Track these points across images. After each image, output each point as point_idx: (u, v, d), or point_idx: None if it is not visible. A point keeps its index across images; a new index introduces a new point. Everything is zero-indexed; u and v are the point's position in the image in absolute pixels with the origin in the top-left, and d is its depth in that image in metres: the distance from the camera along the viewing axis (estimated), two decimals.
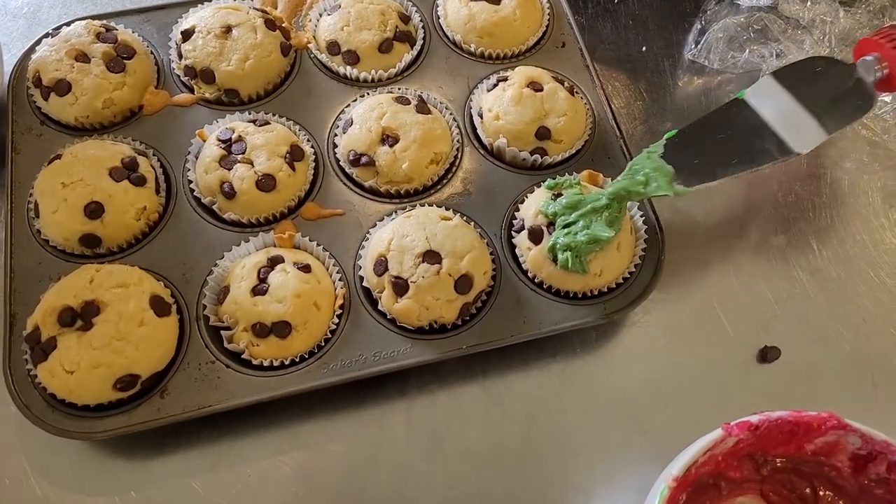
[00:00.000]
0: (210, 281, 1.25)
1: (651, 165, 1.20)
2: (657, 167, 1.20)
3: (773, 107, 1.20)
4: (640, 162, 1.22)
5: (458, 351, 1.22)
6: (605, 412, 1.28)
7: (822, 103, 1.20)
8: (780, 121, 1.18)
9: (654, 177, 1.19)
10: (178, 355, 1.20)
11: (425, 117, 1.36)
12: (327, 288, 1.25)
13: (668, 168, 1.19)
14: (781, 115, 1.19)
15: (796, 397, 1.31)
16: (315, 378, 1.19)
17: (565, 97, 1.39)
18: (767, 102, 1.21)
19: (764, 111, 1.20)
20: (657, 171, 1.19)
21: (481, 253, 1.25)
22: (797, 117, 1.18)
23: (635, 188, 1.20)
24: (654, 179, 1.19)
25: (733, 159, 1.17)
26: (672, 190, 1.17)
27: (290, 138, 1.36)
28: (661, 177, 1.18)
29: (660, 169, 1.19)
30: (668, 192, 1.17)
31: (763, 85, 1.24)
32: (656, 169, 1.20)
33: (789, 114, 1.19)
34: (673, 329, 1.36)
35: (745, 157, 1.17)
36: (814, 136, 1.18)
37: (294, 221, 1.33)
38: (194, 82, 1.43)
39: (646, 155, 1.22)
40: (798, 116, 1.18)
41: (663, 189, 1.18)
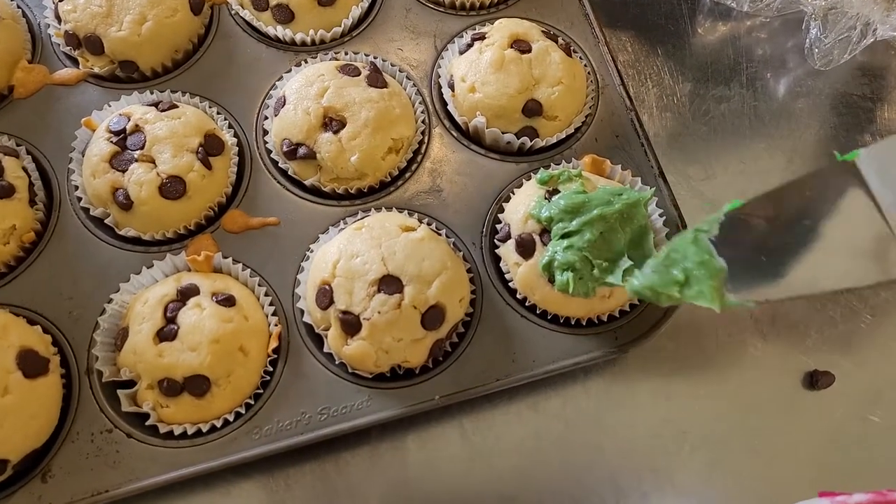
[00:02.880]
0: (104, 322, 0.97)
1: (696, 256, 0.83)
2: (703, 261, 0.82)
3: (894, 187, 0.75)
4: (681, 247, 0.85)
5: (428, 403, 0.97)
6: (617, 462, 1.04)
7: None
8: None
9: (698, 277, 0.82)
10: (64, 424, 0.94)
11: (379, 92, 1.05)
12: (257, 326, 0.97)
13: (718, 264, 0.81)
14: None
15: (857, 435, 1.06)
16: (244, 447, 0.94)
17: (560, 59, 1.08)
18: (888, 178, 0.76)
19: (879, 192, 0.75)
20: (702, 268, 0.82)
21: (455, 274, 0.96)
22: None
23: (667, 289, 0.85)
24: (697, 281, 0.82)
25: (825, 266, 0.77)
26: (719, 302, 0.80)
27: (205, 125, 1.05)
28: (707, 277, 0.81)
29: (707, 264, 0.82)
30: (712, 304, 0.81)
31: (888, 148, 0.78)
32: (702, 264, 0.82)
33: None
34: (699, 352, 1.10)
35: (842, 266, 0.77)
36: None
37: (213, 236, 1.03)
38: (79, 53, 1.12)
39: (692, 236, 0.85)
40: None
41: (707, 298, 0.81)
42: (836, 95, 1.27)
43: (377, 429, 1.02)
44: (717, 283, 0.80)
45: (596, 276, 0.92)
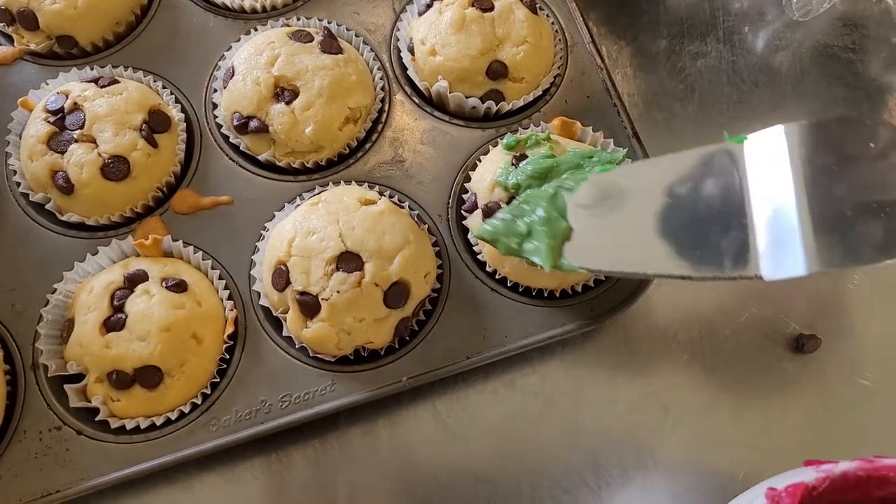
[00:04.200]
0: (48, 313, 0.91)
1: (544, 212, 0.81)
2: (550, 218, 0.81)
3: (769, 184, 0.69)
4: (535, 199, 0.83)
5: (395, 386, 0.91)
6: (597, 440, 0.99)
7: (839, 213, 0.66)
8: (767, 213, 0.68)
9: (539, 232, 0.80)
10: (10, 422, 0.89)
11: (334, 59, 0.99)
12: (211, 311, 0.92)
13: (563, 225, 0.80)
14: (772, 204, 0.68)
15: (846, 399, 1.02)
16: (201, 440, 0.89)
17: (525, 17, 1.02)
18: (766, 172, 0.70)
19: (755, 186, 0.70)
20: (546, 225, 0.80)
21: (419, 248, 0.91)
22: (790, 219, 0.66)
23: (508, 240, 0.83)
24: (538, 236, 0.80)
25: (667, 248, 0.72)
26: (552, 261, 0.79)
27: (149, 101, 0.99)
28: (548, 236, 0.79)
29: (552, 222, 0.80)
30: (545, 262, 0.79)
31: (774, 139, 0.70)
32: (548, 220, 0.80)
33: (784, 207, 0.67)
34: (679, 321, 1.05)
35: (685, 252, 0.71)
36: (794, 262, 0.65)
37: (162, 219, 0.97)
38: (13, 29, 1.05)
39: (552, 191, 0.83)
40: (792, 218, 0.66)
41: (541, 256, 0.79)
42: (817, 47, 1.22)
43: (346, 414, 0.97)
44: (556, 243, 0.79)
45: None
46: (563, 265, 0.79)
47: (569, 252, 0.79)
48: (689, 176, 0.74)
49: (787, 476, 0.74)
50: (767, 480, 0.75)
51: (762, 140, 0.71)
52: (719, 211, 0.70)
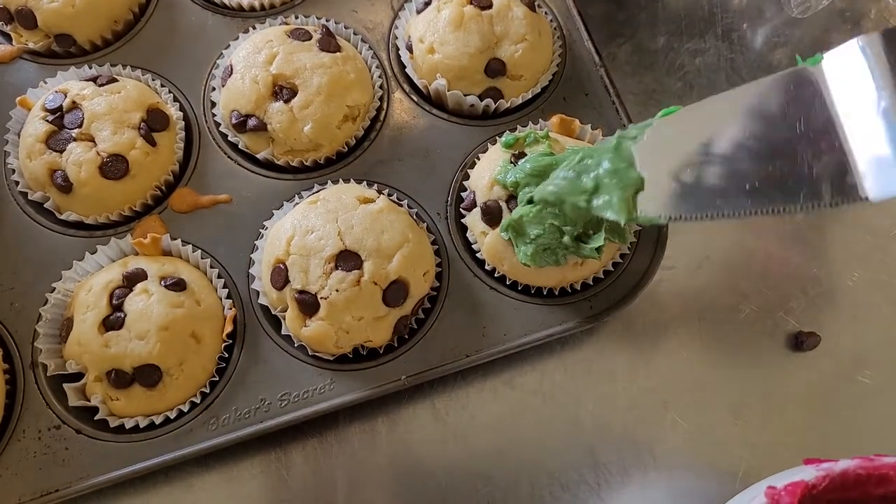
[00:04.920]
0: (47, 312, 0.91)
1: (611, 164, 0.76)
2: (617, 169, 0.75)
3: (859, 100, 0.62)
4: (599, 153, 0.79)
5: (394, 384, 0.91)
6: (596, 436, 0.99)
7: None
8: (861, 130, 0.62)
9: (608, 186, 0.75)
10: (9, 422, 0.89)
11: (332, 57, 0.99)
12: (210, 310, 0.92)
13: (633, 175, 0.74)
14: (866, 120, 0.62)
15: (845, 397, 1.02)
16: (200, 438, 0.90)
17: (523, 14, 1.02)
18: (851, 88, 0.63)
19: (842, 105, 0.63)
20: (615, 176, 0.75)
21: (418, 246, 0.91)
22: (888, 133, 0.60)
23: (574, 198, 0.78)
24: (607, 189, 0.75)
25: (753, 183, 0.67)
26: (627, 214, 0.74)
27: (147, 99, 0.99)
28: (618, 187, 0.75)
29: (620, 173, 0.75)
30: (620, 216, 0.74)
31: (857, 53, 0.63)
32: (615, 172, 0.75)
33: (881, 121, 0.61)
34: (678, 318, 1.05)
35: (773, 185, 0.66)
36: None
37: (161, 217, 0.97)
38: (11, 28, 1.05)
39: (615, 142, 0.77)
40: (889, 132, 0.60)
41: (614, 210, 0.75)
42: (816, 44, 1.21)
43: (345, 412, 0.97)
44: (629, 194, 0.74)
45: (566, 243, 0.87)
46: (640, 217, 0.74)
47: (644, 202, 0.73)
48: (767, 104, 0.67)
49: (787, 474, 0.74)
50: (767, 479, 0.75)
51: (840, 55, 0.64)
52: (807, 135, 0.64)
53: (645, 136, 0.75)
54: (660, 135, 0.74)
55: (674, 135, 0.73)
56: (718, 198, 0.68)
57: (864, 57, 0.62)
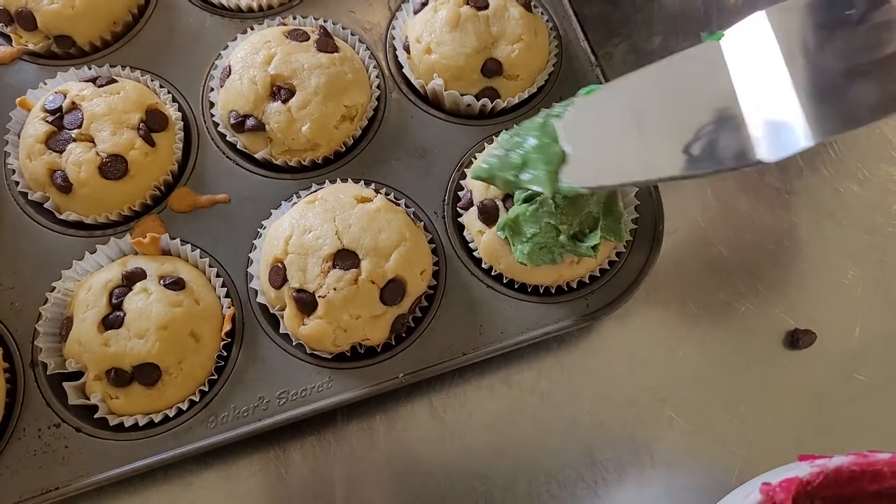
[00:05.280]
0: (46, 311, 0.92)
1: (536, 140, 0.82)
2: (542, 145, 0.81)
3: (754, 71, 0.68)
4: (526, 131, 0.84)
5: (392, 382, 0.92)
6: (594, 434, 1.00)
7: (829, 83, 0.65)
8: (756, 99, 0.68)
9: (534, 160, 0.81)
10: (9, 420, 0.90)
11: (330, 57, 0.99)
12: (209, 309, 0.92)
13: (556, 150, 0.80)
14: (760, 90, 0.68)
15: (841, 395, 1.02)
16: (199, 436, 0.90)
17: (519, 15, 1.03)
18: (749, 61, 0.69)
19: (739, 77, 0.69)
20: (540, 152, 0.81)
21: (415, 245, 0.91)
22: (782, 98, 0.66)
23: (504, 173, 0.84)
24: (533, 164, 0.81)
25: (664, 152, 0.72)
26: (551, 186, 0.80)
27: (146, 100, 0.99)
28: (543, 162, 0.80)
29: (544, 148, 0.81)
30: (544, 188, 0.80)
31: (753, 28, 0.69)
32: (540, 147, 0.81)
33: (774, 89, 0.66)
34: (674, 316, 1.05)
35: (682, 153, 0.71)
36: (792, 138, 0.64)
37: (160, 217, 0.98)
38: (11, 29, 1.06)
39: (541, 120, 0.84)
40: (784, 97, 0.66)
41: (539, 183, 0.81)
42: None
43: (343, 411, 0.98)
44: (552, 167, 0.79)
45: (562, 242, 0.88)
46: (563, 188, 0.79)
47: (566, 175, 0.79)
48: (674, 79, 0.74)
49: (782, 471, 0.74)
50: (762, 475, 0.76)
51: (738, 31, 0.70)
52: (710, 107, 0.70)
53: (567, 114, 0.81)
54: (581, 112, 0.80)
55: (594, 111, 0.79)
56: (633, 167, 0.74)
57: (758, 32, 0.67)
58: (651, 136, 0.73)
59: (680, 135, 0.71)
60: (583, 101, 0.81)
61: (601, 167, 0.77)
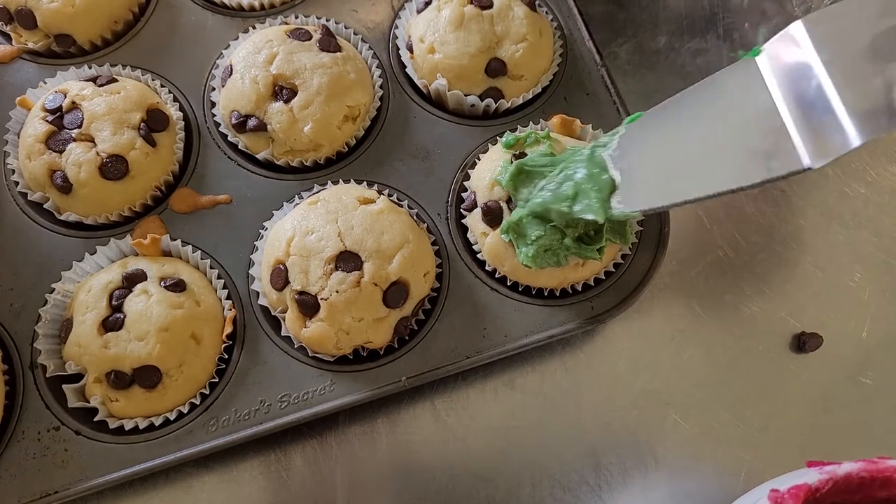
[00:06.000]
0: (46, 313, 0.91)
1: (586, 170, 0.83)
2: (592, 174, 0.82)
3: (794, 82, 0.69)
4: (574, 161, 0.85)
5: (395, 385, 0.90)
6: (597, 438, 0.99)
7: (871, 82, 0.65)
8: (798, 107, 0.68)
9: (586, 191, 0.82)
10: (8, 423, 0.89)
11: (332, 57, 0.98)
12: (210, 311, 0.91)
13: (606, 178, 0.81)
14: (800, 97, 0.68)
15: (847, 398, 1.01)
16: (200, 440, 0.89)
17: (524, 14, 1.02)
18: (787, 71, 0.70)
19: (779, 89, 0.70)
20: (591, 181, 0.82)
21: (418, 247, 0.90)
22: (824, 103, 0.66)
23: (557, 205, 0.84)
24: (585, 194, 0.82)
25: (711, 169, 0.73)
26: (604, 213, 0.80)
27: (147, 99, 0.98)
28: (594, 190, 0.81)
29: (594, 178, 0.82)
30: (598, 215, 0.80)
31: (788, 41, 0.70)
32: (591, 177, 0.82)
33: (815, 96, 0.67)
34: (679, 319, 1.04)
35: (730, 167, 0.72)
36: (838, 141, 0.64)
37: (161, 218, 0.97)
38: (11, 28, 1.05)
39: (588, 152, 0.85)
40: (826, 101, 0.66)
41: (593, 211, 0.81)
42: None
43: (345, 413, 0.97)
44: (604, 195, 0.80)
45: (567, 245, 0.87)
46: (615, 214, 0.80)
47: (618, 201, 0.80)
48: (714, 99, 0.75)
49: (790, 477, 0.73)
50: (770, 481, 0.75)
51: (774, 45, 0.71)
52: (753, 121, 0.70)
53: (613, 142, 0.82)
54: (626, 139, 0.82)
55: (639, 137, 0.81)
56: (683, 186, 0.74)
57: (794, 43, 0.68)
58: (697, 155, 0.74)
59: (726, 150, 0.72)
60: (627, 129, 0.83)
61: (651, 190, 0.78)
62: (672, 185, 0.75)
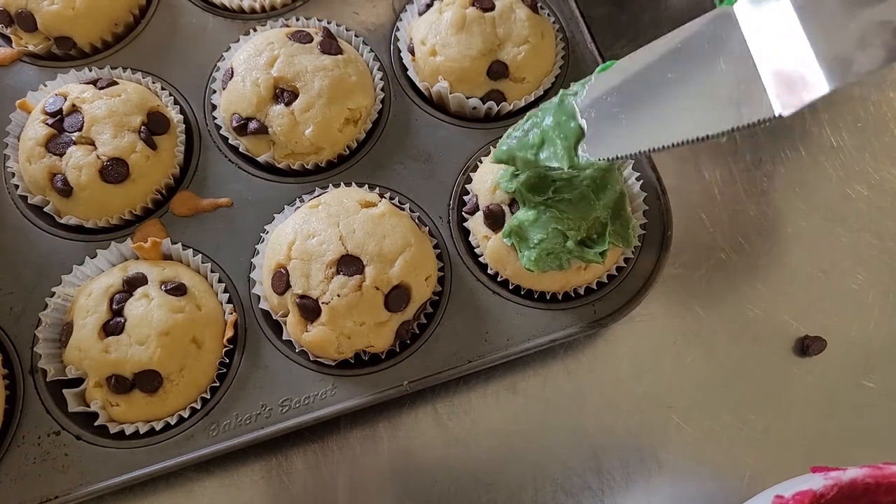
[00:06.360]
0: (46, 317, 0.90)
1: (553, 118, 0.81)
2: (559, 122, 0.80)
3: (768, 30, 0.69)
4: (543, 111, 0.84)
5: (396, 390, 0.90)
6: (600, 442, 0.98)
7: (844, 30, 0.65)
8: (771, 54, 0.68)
9: (552, 138, 0.80)
10: (8, 428, 0.89)
11: (334, 59, 0.98)
12: (211, 315, 0.91)
13: (573, 125, 0.79)
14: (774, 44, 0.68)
15: (851, 402, 1.01)
16: (201, 445, 0.89)
17: (526, 16, 1.01)
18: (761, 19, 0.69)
19: (754, 36, 0.69)
20: (557, 129, 0.80)
21: (420, 250, 0.90)
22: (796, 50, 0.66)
23: (523, 152, 0.83)
24: (551, 142, 0.80)
25: (682, 116, 0.72)
26: (569, 161, 0.79)
27: (147, 102, 0.98)
28: (560, 138, 0.79)
29: (562, 125, 0.80)
30: (562, 162, 0.79)
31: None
32: (558, 125, 0.80)
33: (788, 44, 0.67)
34: (682, 322, 1.04)
35: (698, 115, 0.71)
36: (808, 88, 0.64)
37: (161, 221, 0.96)
38: (11, 31, 1.05)
39: (558, 99, 0.83)
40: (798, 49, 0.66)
41: (557, 158, 0.79)
42: None
43: (347, 417, 0.97)
44: (570, 143, 0.79)
45: (570, 248, 0.87)
46: (581, 162, 0.78)
47: (584, 149, 0.79)
48: (692, 44, 0.73)
49: (795, 483, 0.73)
50: (774, 487, 0.74)
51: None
52: (725, 68, 0.69)
53: (584, 90, 0.80)
54: (597, 87, 0.79)
55: (610, 84, 0.78)
56: (651, 134, 0.73)
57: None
58: (667, 102, 0.72)
59: (697, 98, 0.71)
60: (598, 76, 0.81)
61: (619, 138, 0.76)
62: (640, 133, 0.74)
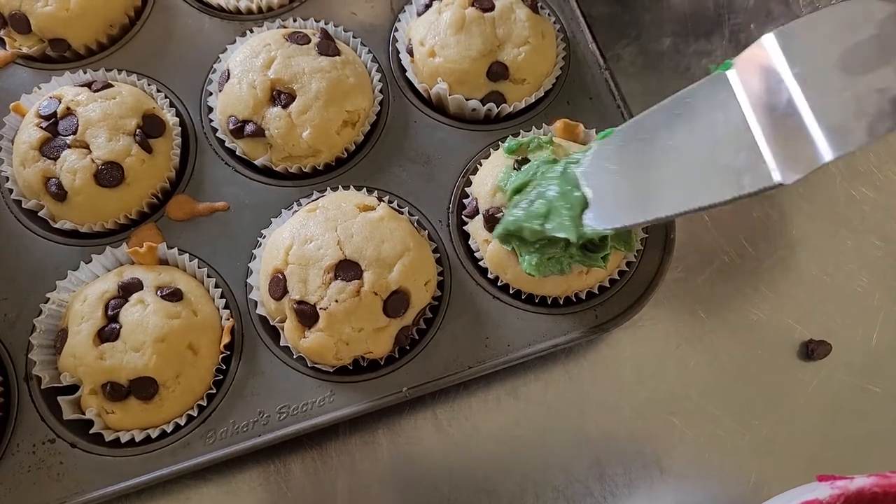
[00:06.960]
0: (41, 323, 0.89)
1: (558, 187, 0.82)
2: (563, 192, 0.81)
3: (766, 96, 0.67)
4: (547, 178, 0.85)
5: (396, 396, 0.89)
6: (602, 448, 0.97)
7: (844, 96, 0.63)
8: (769, 120, 0.66)
9: (558, 209, 0.81)
10: (2, 435, 0.88)
11: (331, 61, 0.96)
12: (207, 321, 0.90)
13: (578, 196, 0.81)
14: (772, 111, 0.66)
15: (855, 407, 1.00)
16: (197, 452, 0.88)
17: (526, 17, 1.00)
18: (758, 85, 0.68)
19: (750, 103, 0.68)
20: (563, 199, 0.81)
21: (419, 255, 0.89)
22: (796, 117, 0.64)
23: (530, 223, 0.83)
24: (557, 213, 0.81)
25: (683, 185, 0.72)
26: (576, 232, 0.80)
27: (143, 105, 0.97)
28: (566, 209, 0.80)
29: (566, 196, 0.81)
30: (570, 234, 0.80)
31: (760, 54, 0.68)
32: (563, 195, 0.81)
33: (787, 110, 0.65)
34: (685, 326, 1.03)
35: (699, 184, 0.70)
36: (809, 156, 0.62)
37: (157, 226, 0.95)
38: (5, 33, 1.04)
39: (561, 169, 0.84)
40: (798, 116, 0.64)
41: (564, 229, 0.80)
42: None
43: (345, 424, 0.96)
44: (576, 213, 0.80)
45: (571, 252, 0.85)
46: (587, 232, 0.79)
47: (590, 219, 0.79)
48: (685, 114, 0.73)
49: (801, 492, 0.72)
50: (779, 496, 0.73)
51: (746, 58, 0.69)
52: (724, 136, 0.69)
53: (585, 159, 0.81)
54: (598, 156, 0.81)
55: (610, 154, 0.79)
56: (654, 204, 0.73)
57: (768, 55, 0.66)
58: (669, 171, 0.73)
59: (697, 167, 0.71)
60: (598, 145, 0.82)
61: (623, 207, 0.77)
62: (643, 203, 0.74)
